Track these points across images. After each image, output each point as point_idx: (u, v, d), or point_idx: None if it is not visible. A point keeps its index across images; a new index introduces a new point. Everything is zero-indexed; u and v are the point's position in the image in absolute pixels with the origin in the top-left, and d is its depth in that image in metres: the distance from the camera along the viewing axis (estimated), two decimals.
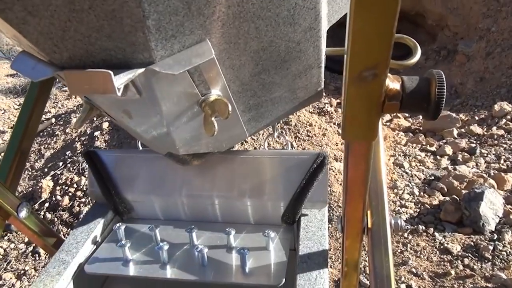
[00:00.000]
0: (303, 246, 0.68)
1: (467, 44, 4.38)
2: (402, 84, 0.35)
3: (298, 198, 0.72)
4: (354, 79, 0.33)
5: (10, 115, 4.96)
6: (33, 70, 0.43)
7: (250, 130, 0.64)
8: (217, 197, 0.78)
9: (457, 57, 4.40)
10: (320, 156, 0.71)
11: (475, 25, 4.34)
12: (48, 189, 2.82)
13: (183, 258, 0.73)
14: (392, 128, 3.17)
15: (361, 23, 0.30)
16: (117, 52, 0.40)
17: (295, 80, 0.57)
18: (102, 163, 0.83)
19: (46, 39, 0.40)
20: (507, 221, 1.86)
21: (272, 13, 0.44)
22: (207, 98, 0.49)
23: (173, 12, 0.37)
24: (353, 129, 0.37)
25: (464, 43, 4.42)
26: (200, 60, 0.42)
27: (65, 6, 0.35)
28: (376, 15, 0.29)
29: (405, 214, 2.06)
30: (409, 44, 0.64)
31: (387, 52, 0.32)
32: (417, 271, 1.69)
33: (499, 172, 2.26)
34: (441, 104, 0.34)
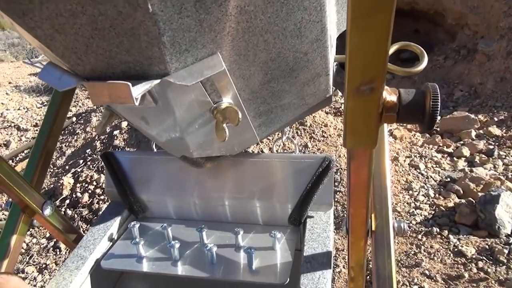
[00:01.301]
0: (308, 247, 0.71)
1: (488, 43, 4.29)
2: (399, 97, 0.37)
3: (304, 200, 0.75)
4: (353, 92, 0.36)
5: (33, 113, 5.11)
6: (59, 81, 0.47)
7: (261, 134, 0.66)
8: (228, 198, 0.81)
9: (477, 57, 4.32)
10: (326, 160, 0.74)
11: (495, 24, 4.25)
12: (68, 186, 2.91)
13: (194, 256, 0.76)
14: (409, 129, 3.15)
15: (357, 42, 0.32)
16: (135, 64, 0.43)
17: (304, 88, 0.60)
18: (119, 164, 0.87)
19: (70, 53, 0.43)
20: None
21: (279, 27, 0.46)
22: (219, 106, 0.52)
23: (186, 29, 0.40)
24: (354, 138, 0.40)
25: (484, 42, 4.34)
26: (212, 72, 0.45)
27: (89, 25, 0.39)
28: (370, 35, 0.32)
29: (419, 216, 2.06)
30: (416, 52, 0.66)
31: (383, 68, 0.34)
32: (430, 273, 1.69)
33: None
34: (436, 115, 0.36)
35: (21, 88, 6.44)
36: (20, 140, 4.31)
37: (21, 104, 5.65)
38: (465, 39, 4.74)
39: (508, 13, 4.16)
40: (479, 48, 4.28)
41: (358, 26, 0.31)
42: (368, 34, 0.32)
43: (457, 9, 4.66)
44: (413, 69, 0.64)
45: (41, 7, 0.38)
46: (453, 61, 4.67)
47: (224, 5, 0.40)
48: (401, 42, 0.68)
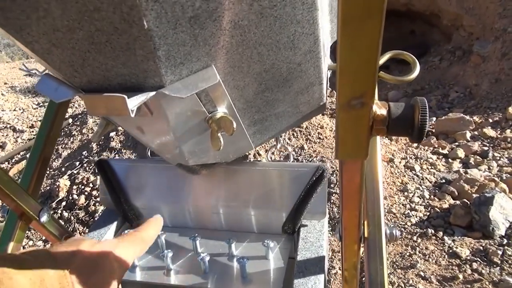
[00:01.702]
0: (301, 255, 0.72)
1: (482, 45, 4.32)
2: (388, 110, 0.38)
3: (298, 209, 0.76)
4: (344, 106, 0.37)
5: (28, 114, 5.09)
6: (55, 92, 0.48)
7: (256, 142, 0.67)
8: (222, 206, 0.82)
9: (472, 58, 4.35)
10: (319, 169, 0.74)
11: (491, 25, 4.27)
12: (65, 188, 2.91)
13: (187, 265, 0.77)
14: None
15: (347, 60, 0.33)
16: (131, 77, 0.44)
17: (298, 97, 0.61)
18: (113, 171, 0.87)
19: (67, 66, 0.44)
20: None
21: (273, 40, 0.47)
22: (214, 116, 0.53)
23: (181, 43, 0.41)
24: (345, 150, 0.40)
25: (479, 44, 4.36)
26: (206, 84, 0.46)
27: (85, 40, 0.40)
28: (359, 53, 0.33)
29: (414, 218, 2.07)
30: (408, 60, 0.67)
31: (372, 84, 0.35)
32: (425, 274, 1.70)
33: (511, 176, 2.25)
34: (424, 129, 0.37)
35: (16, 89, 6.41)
36: (16, 142, 4.30)
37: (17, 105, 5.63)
38: (460, 40, 4.77)
39: (503, 14, 4.18)
40: (474, 49, 4.31)
41: (347, 45, 0.32)
42: (357, 53, 0.33)
43: (452, 10, 4.68)
44: (405, 77, 0.65)
45: (38, 22, 0.38)
46: (448, 62, 4.70)
47: (218, 20, 0.41)
48: (393, 51, 0.69)
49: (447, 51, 4.85)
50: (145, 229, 0.52)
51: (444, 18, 4.87)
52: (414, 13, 5.17)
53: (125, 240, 0.48)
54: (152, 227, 0.54)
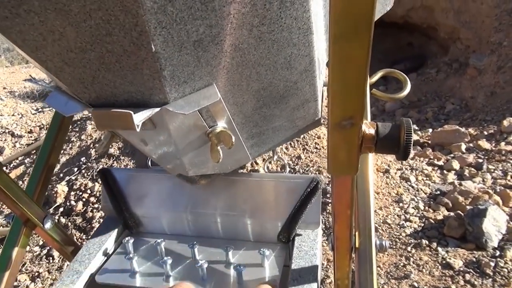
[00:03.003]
0: (295, 264, 0.74)
1: (479, 58, 4.38)
2: (376, 130, 0.41)
3: (293, 219, 0.79)
4: (335, 126, 0.40)
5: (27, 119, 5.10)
6: (65, 106, 0.51)
7: (253, 154, 0.70)
8: (220, 215, 0.85)
9: (468, 71, 4.40)
10: (314, 181, 0.78)
11: (487, 38, 4.34)
12: (63, 194, 2.92)
13: (185, 272, 0.79)
14: None
15: (337, 85, 0.36)
16: (137, 94, 0.47)
17: (294, 112, 0.64)
18: (114, 180, 0.90)
19: (78, 82, 0.47)
20: (510, 238, 1.88)
21: (270, 60, 0.51)
22: (214, 130, 0.56)
23: (185, 64, 0.44)
24: (336, 166, 0.43)
25: (475, 57, 4.42)
26: (208, 102, 0.49)
27: (96, 60, 0.43)
28: (349, 77, 0.36)
29: (409, 228, 2.10)
30: (400, 78, 0.70)
31: (362, 106, 0.38)
32: (418, 285, 1.72)
33: (505, 189, 2.28)
34: (409, 148, 0.40)
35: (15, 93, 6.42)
36: (14, 147, 4.31)
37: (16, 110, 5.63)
38: (457, 53, 4.83)
39: (499, 28, 4.25)
40: (471, 62, 4.36)
41: (337, 70, 0.35)
42: (347, 77, 0.36)
43: (449, 24, 4.75)
44: (396, 95, 0.69)
45: (53, 44, 0.41)
46: (445, 75, 4.75)
47: (220, 44, 0.44)
48: (385, 69, 0.72)
49: (444, 63, 4.91)
50: None
51: (441, 31, 4.94)
52: (412, 25, 5.25)
53: None
54: None
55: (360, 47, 0.33)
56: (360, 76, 0.36)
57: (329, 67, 0.35)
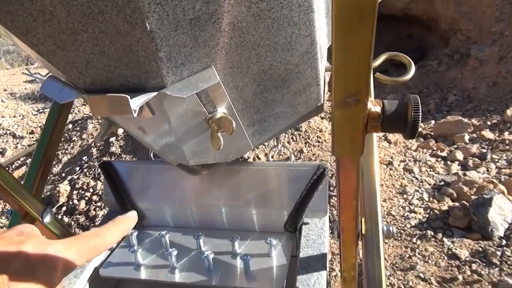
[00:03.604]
0: (303, 253, 0.73)
1: (480, 49, 4.35)
2: (382, 108, 0.40)
3: (299, 207, 0.77)
4: (339, 104, 0.38)
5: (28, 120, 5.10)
6: (60, 93, 0.49)
7: (255, 142, 0.69)
8: (224, 206, 0.83)
9: (469, 62, 4.37)
10: (320, 168, 0.76)
11: (488, 29, 4.30)
12: (65, 193, 2.91)
13: (191, 263, 0.78)
14: None
15: (341, 58, 0.35)
16: (134, 78, 0.46)
17: (295, 97, 0.62)
18: (116, 173, 0.89)
19: (72, 67, 0.45)
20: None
21: (270, 41, 0.49)
22: (214, 116, 0.55)
23: (182, 44, 0.42)
24: (341, 147, 0.42)
25: (476, 48, 4.39)
26: (207, 84, 0.47)
27: (89, 42, 0.41)
28: (353, 51, 0.34)
29: (414, 220, 2.08)
30: (404, 61, 0.68)
31: (366, 82, 0.36)
32: (424, 276, 1.71)
33: (509, 178, 2.26)
34: (417, 125, 0.39)
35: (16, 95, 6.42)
36: (16, 148, 4.31)
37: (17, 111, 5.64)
38: (458, 44, 4.80)
39: (500, 18, 4.22)
40: (472, 53, 4.34)
41: (341, 44, 0.34)
42: (351, 51, 0.34)
43: (450, 15, 4.72)
44: (400, 78, 0.67)
45: (44, 25, 0.40)
46: (446, 66, 4.72)
47: (217, 22, 0.42)
48: (390, 52, 0.71)
49: (445, 55, 4.88)
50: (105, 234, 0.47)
51: (442, 22, 4.90)
52: (412, 17, 5.21)
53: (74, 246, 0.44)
54: (115, 230, 0.48)
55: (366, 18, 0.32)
56: (366, 48, 0.34)
57: (333, 38, 0.34)
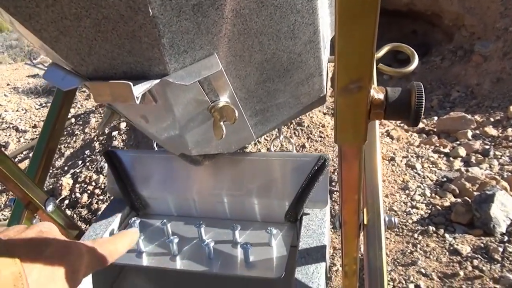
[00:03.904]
0: (303, 242, 0.73)
1: (484, 45, 4.32)
2: (386, 95, 0.39)
3: (300, 198, 0.77)
4: (342, 90, 0.38)
5: (31, 114, 5.11)
6: (62, 81, 0.49)
7: (257, 133, 0.69)
8: (226, 196, 0.83)
9: (473, 58, 4.35)
10: (321, 158, 0.76)
11: (492, 25, 4.28)
12: (68, 186, 2.92)
13: (192, 251, 0.79)
14: (406, 129, 3.18)
15: (344, 44, 0.35)
16: (136, 65, 0.46)
17: (298, 87, 0.62)
18: (120, 162, 0.89)
19: (74, 54, 0.45)
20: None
21: (273, 29, 0.49)
22: (216, 105, 0.55)
23: (185, 31, 0.42)
24: (344, 134, 0.42)
25: (480, 44, 4.36)
26: (209, 72, 0.47)
27: (92, 27, 0.41)
28: (356, 38, 0.34)
29: (416, 215, 2.08)
30: (407, 52, 0.68)
31: (369, 68, 0.36)
32: (426, 271, 1.71)
33: None
34: (420, 112, 0.38)
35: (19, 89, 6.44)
36: (18, 142, 4.32)
37: (20, 105, 5.65)
38: (462, 40, 4.77)
39: (505, 14, 4.19)
40: (476, 49, 4.31)
41: (345, 29, 0.33)
42: (354, 37, 0.34)
43: (454, 10, 4.69)
44: (404, 69, 0.67)
45: (47, 10, 0.40)
46: (450, 62, 4.70)
47: (220, 8, 0.42)
48: (393, 43, 0.70)
49: (449, 51, 4.85)
50: (115, 243, 0.49)
51: (446, 18, 4.87)
52: (416, 13, 5.18)
53: (96, 249, 0.46)
54: (123, 241, 0.50)
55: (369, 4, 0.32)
56: (369, 34, 0.34)
57: (336, 25, 0.33)
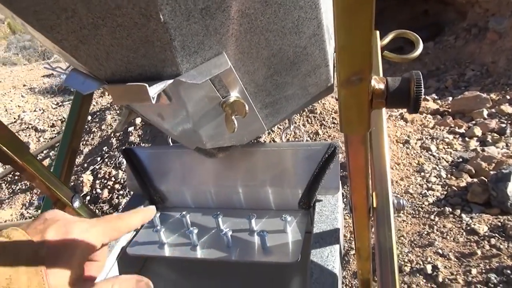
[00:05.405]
0: (317, 228, 0.76)
1: (498, 21, 4.22)
2: (386, 85, 0.42)
3: (312, 185, 0.80)
4: (344, 82, 0.40)
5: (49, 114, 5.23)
6: (82, 85, 0.53)
7: (268, 124, 0.71)
8: (241, 186, 0.87)
9: (488, 35, 4.25)
10: (331, 146, 0.78)
11: (506, 0, 4.17)
12: (88, 183, 3.01)
13: (211, 241, 0.83)
14: (420, 111, 3.15)
15: (343, 40, 0.37)
16: (151, 67, 0.49)
17: (306, 79, 0.64)
18: (138, 159, 0.94)
19: (93, 60, 0.49)
20: None
21: (278, 26, 0.51)
22: (227, 100, 0.57)
23: (194, 33, 0.45)
24: (348, 124, 0.44)
25: (495, 20, 4.26)
26: (219, 70, 0.50)
27: (109, 35, 0.44)
28: (354, 32, 0.36)
29: (432, 197, 2.09)
30: (411, 38, 0.69)
31: (369, 60, 0.38)
32: (443, 251, 1.72)
33: None
34: (419, 99, 0.40)
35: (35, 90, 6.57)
36: (38, 141, 4.44)
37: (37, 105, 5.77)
38: (476, 18, 4.66)
39: None
40: (490, 26, 4.22)
41: (343, 24, 0.36)
42: (353, 32, 0.36)
43: None
44: (408, 56, 0.68)
45: (67, 21, 0.43)
46: (464, 41, 4.60)
47: (226, 10, 0.45)
48: (396, 30, 0.72)
49: (462, 29, 4.75)
50: (126, 218, 0.50)
51: None
52: None
53: (98, 225, 0.47)
54: (136, 217, 0.52)
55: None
56: (366, 28, 0.36)
57: (335, 22, 0.36)
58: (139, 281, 0.47)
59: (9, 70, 8.39)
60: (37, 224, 0.44)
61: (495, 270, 1.56)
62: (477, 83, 3.72)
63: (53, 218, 0.45)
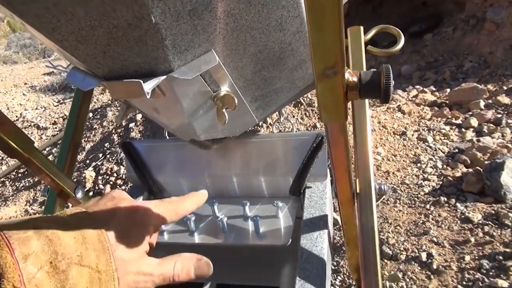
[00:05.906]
0: (306, 213, 0.81)
1: (496, 11, 4.23)
2: (359, 78, 0.45)
3: (302, 173, 0.85)
4: (320, 76, 0.44)
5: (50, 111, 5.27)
6: (82, 82, 0.57)
7: (259, 116, 0.75)
8: (235, 176, 0.92)
9: (486, 26, 4.27)
10: (319, 136, 0.83)
11: None
12: (91, 179, 3.05)
13: (208, 227, 0.88)
14: (417, 103, 3.18)
15: (316, 38, 0.40)
16: (145, 64, 0.53)
17: (293, 73, 0.68)
18: (136, 152, 0.98)
19: (91, 58, 0.53)
20: None
21: (263, 24, 0.55)
22: (218, 94, 0.61)
23: (184, 33, 0.49)
24: (327, 114, 0.48)
25: (492, 11, 4.27)
26: (208, 66, 0.54)
27: (105, 35, 0.48)
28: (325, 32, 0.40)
29: (427, 187, 2.13)
30: (393, 33, 0.73)
31: (341, 55, 0.42)
32: (438, 240, 1.77)
33: None
34: (389, 91, 0.44)
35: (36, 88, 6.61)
36: (40, 139, 4.49)
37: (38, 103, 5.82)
38: (474, 8, 4.67)
39: None
40: (488, 16, 4.23)
41: (315, 24, 0.39)
42: (324, 30, 0.40)
43: None
44: (391, 49, 0.72)
45: (67, 24, 0.47)
46: (462, 32, 4.62)
47: (213, 11, 0.49)
48: (379, 25, 0.75)
49: (461, 21, 4.76)
50: (183, 201, 0.55)
51: None
52: None
53: (161, 206, 0.52)
54: (191, 201, 0.57)
55: (333, 1, 0.37)
56: (336, 27, 0.39)
57: (307, 21, 0.39)
58: (199, 260, 0.52)
59: (10, 68, 8.43)
60: (106, 201, 0.48)
61: (488, 256, 1.60)
62: (474, 74, 3.75)
63: (119, 196, 0.49)
